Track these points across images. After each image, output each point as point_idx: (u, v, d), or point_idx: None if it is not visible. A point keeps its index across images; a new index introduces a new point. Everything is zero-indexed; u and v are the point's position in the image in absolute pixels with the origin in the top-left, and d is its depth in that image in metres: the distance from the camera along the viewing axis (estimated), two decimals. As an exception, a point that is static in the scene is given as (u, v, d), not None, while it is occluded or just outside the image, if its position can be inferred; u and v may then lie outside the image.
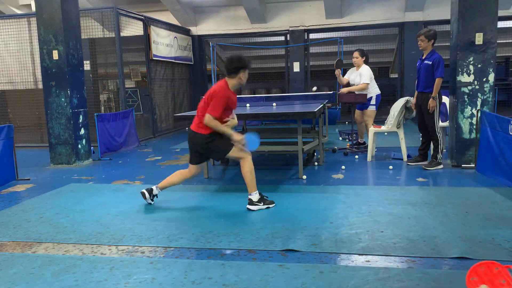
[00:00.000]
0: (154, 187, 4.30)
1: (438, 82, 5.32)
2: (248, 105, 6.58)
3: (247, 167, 4.06)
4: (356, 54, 6.86)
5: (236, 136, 4.02)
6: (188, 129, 4.14)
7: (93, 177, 5.73)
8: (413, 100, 5.83)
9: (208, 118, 3.91)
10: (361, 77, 6.74)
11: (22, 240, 3.44)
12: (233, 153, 4.07)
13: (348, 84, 7.04)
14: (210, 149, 4.08)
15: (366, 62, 6.88)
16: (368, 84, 6.68)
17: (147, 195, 4.26)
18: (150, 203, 4.29)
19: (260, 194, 4.08)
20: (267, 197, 4.14)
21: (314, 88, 6.03)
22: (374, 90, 6.78)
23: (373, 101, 6.74)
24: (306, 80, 11.87)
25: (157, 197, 4.34)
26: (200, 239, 3.29)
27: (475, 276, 2.22)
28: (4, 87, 9.02)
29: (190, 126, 4.15)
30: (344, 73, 7.42)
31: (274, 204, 4.10)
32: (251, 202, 4.02)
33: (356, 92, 6.85)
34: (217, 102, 3.93)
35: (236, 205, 4.13)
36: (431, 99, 5.37)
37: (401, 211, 3.82)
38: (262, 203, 4.02)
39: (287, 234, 3.34)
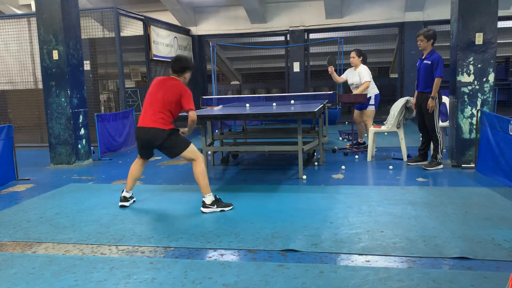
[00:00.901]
0: (124, 192, 4.31)
1: (437, 82, 5.32)
2: (247, 105, 6.57)
3: (199, 169, 4.04)
4: (353, 54, 6.88)
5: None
6: (140, 128, 4.07)
7: (93, 177, 5.73)
8: (413, 100, 5.83)
9: (194, 113, 4.07)
10: (360, 77, 6.74)
11: (22, 240, 3.44)
12: (186, 153, 4.07)
13: (346, 84, 7.06)
14: (170, 144, 4.05)
15: (364, 62, 6.89)
16: (369, 82, 6.69)
17: (126, 204, 4.27)
18: (134, 201, 4.38)
19: (215, 196, 4.05)
20: (220, 199, 4.08)
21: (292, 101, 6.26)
22: (373, 90, 6.79)
23: (372, 101, 6.75)
24: (306, 80, 11.87)
25: (133, 196, 4.39)
26: (200, 239, 3.29)
27: None
28: (4, 87, 9.01)
29: (143, 124, 4.05)
30: (342, 73, 7.43)
31: (231, 207, 4.04)
32: (204, 205, 3.99)
33: (355, 92, 6.85)
34: (190, 97, 4.11)
35: (236, 205, 4.13)
36: (430, 99, 5.37)
37: (401, 211, 3.82)
38: (215, 206, 3.99)
39: (287, 234, 3.34)
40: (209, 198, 4.00)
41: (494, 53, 5.41)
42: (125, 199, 4.29)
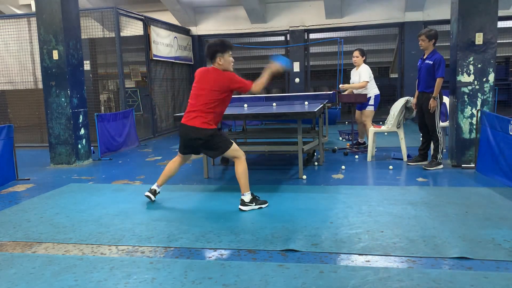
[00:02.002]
0: (155, 186, 4.36)
1: (439, 82, 5.32)
2: (246, 105, 6.56)
3: (242, 167, 4.06)
4: (356, 53, 6.86)
5: (272, 66, 4.23)
6: (183, 125, 4.05)
7: (93, 177, 5.73)
8: (413, 100, 5.83)
9: (253, 87, 4.11)
10: (360, 77, 6.74)
11: (22, 240, 3.44)
12: (230, 152, 4.08)
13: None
14: (212, 145, 4.04)
15: (364, 62, 6.89)
16: (367, 82, 6.68)
17: (151, 196, 4.33)
18: (154, 201, 4.37)
19: (252, 194, 4.07)
20: (259, 197, 4.13)
21: (297, 80, 6.11)
22: (373, 90, 6.78)
23: (371, 101, 6.74)
24: (306, 80, 11.87)
25: (159, 193, 4.42)
26: (200, 239, 3.29)
27: None
28: (4, 87, 9.02)
29: (187, 122, 4.03)
30: (345, 75, 7.43)
31: (267, 204, 4.09)
32: (243, 203, 4.02)
33: (355, 92, 6.86)
34: (236, 77, 4.05)
35: (236, 205, 4.13)
36: (431, 99, 5.37)
37: (401, 211, 3.82)
38: (254, 203, 4.02)
39: (287, 234, 3.34)
40: (247, 196, 4.02)
41: (494, 53, 5.41)
42: (154, 192, 4.33)
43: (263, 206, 4.06)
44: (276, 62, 4.21)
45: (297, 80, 5.35)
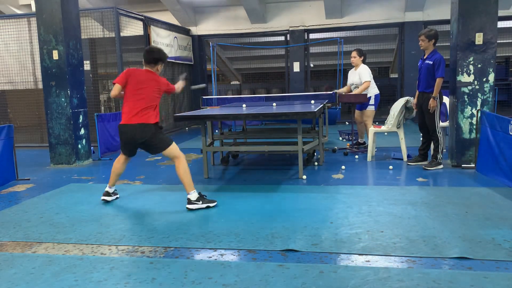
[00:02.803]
0: (107, 188, 4.42)
1: (439, 82, 5.33)
2: (244, 105, 6.56)
3: (182, 167, 4.11)
4: (354, 53, 6.86)
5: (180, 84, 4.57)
6: (124, 125, 4.10)
7: (93, 177, 5.73)
8: (414, 100, 5.84)
9: (178, 87, 4.46)
10: (360, 77, 6.73)
11: (22, 240, 3.44)
12: (169, 151, 4.14)
13: (350, 90, 7.05)
14: (154, 141, 4.11)
15: (363, 62, 6.89)
16: (369, 82, 6.68)
17: (108, 198, 4.38)
18: (117, 197, 4.48)
19: (199, 193, 4.11)
20: (206, 196, 4.17)
21: (202, 86, 5.98)
22: (373, 90, 6.78)
23: (371, 101, 6.74)
24: (306, 80, 11.87)
25: (116, 192, 4.51)
26: (200, 239, 3.29)
27: None
28: (4, 87, 9.01)
29: (128, 121, 4.07)
30: (344, 75, 7.43)
31: (215, 203, 4.12)
32: (189, 202, 4.05)
33: (355, 92, 6.85)
34: (169, 85, 4.36)
35: (236, 205, 4.13)
36: (431, 99, 5.37)
37: (401, 211, 3.82)
38: (201, 202, 4.05)
39: (287, 234, 3.34)
40: (193, 195, 4.07)
41: (494, 53, 5.41)
42: (107, 193, 4.39)
43: (211, 205, 4.08)
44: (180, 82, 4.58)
45: (201, 86, 5.36)
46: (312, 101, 6.72)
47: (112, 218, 3.91)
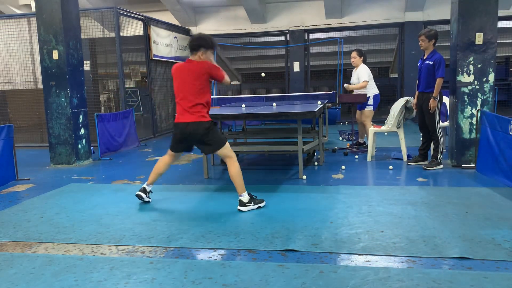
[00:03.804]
0: (145, 185, 4.33)
1: (439, 82, 5.33)
2: (243, 105, 6.55)
3: (235, 168, 4.03)
4: (354, 54, 6.87)
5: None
6: (179, 123, 4.01)
7: (93, 177, 5.73)
8: (413, 100, 5.84)
9: (226, 79, 4.07)
10: (359, 77, 6.75)
11: (22, 240, 3.44)
12: (223, 150, 4.05)
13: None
14: (210, 137, 4.00)
15: (364, 62, 6.89)
16: (367, 82, 6.68)
17: (143, 195, 4.29)
18: (149, 201, 4.34)
19: (249, 194, 4.05)
20: (256, 196, 4.12)
21: (262, 74, 5.82)
22: (372, 90, 6.78)
23: (370, 101, 6.74)
24: (306, 80, 11.87)
25: (151, 192, 4.39)
26: (200, 239, 3.29)
27: None
28: (4, 87, 9.02)
29: (183, 119, 3.98)
30: (343, 75, 7.43)
31: (264, 203, 4.08)
32: (241, 203, 4.00)
33: (355, 92, 6.85)
34: (216, 68, 4.02)
35: (236, 205, 4.13)
36: (432, 99, 5.37)
37: (401, 211, 3.82)
38: (252, 203, 4.01)
39: (287, 234, 3.34)
40: (246, 197, 4.00)
41: (494, 53, 5.41)
42: (144, 190, 4.30)
43: (261, 205, 4.05)
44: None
45: (262, 74, 5.16)
46: (319, 102, 6.62)
47: (112, 218, 3.91)
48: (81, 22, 7.10)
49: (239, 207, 4.00)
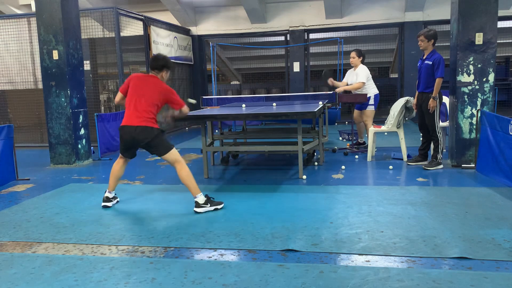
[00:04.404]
0: (107, 194, 4.30)
1: (438, 82, 5.32)
2: (244, 105, 6.55)
3: (185, 171, 4.05)
4: (353, 54, 6.87)
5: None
6: (126, 126, 4.05)
7: (93, 177, 5.73)
8: (413, 100, 5.84)
9: (184, 109, 4.29)
10: (357, 77, 6.76)
11: (22, 240, 3.44)
12: (169, 155, 4.07)
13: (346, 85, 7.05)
14: (158, 143, 4.05)
15: (362, 62, 6.90)
16: (363, 83, 6.69)
17: (108, 204, 4.27)
18: (118, 201, 4.38)
19: (206, 196, 4.06)
20: (214, 198, 4.12)
21: (193, 101, 5.54)
22: (372, 90, 6.78)
23: (371, 101, 6.74)
24: (306, 80, 11.87)
25: (116, 196, 4.39)
26: (200, 239, 3.29)
27: None
28: (4, 87, 9.02)
29: (130, 122, 4.02)
30: (343, 74, 7.42)
31: (222, 205, 4.08)
32: (197, 205, 3.99)
33: (354, 92, 6.85)
34: (176, 96, 4.26)
35: (236, 205, 4.13)
36: (431, 99, 5.37)
37: (401, 211, 3.82)
38: (209, 204, 4.01)
39: (287, 234, 3.34)
40: (201, 198, 4.01)
41: (494, 53, 5.41)
42: (107, 199, 4.29)
43: (218, 207, 4.04)
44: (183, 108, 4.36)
45: (192, 101, 4.95)
46: (320, 102, 6.59)
47: (112, 218, 3.91)
48: (81, 22, 7.10)
49: (195, 209, 3.99)
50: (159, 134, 4.07)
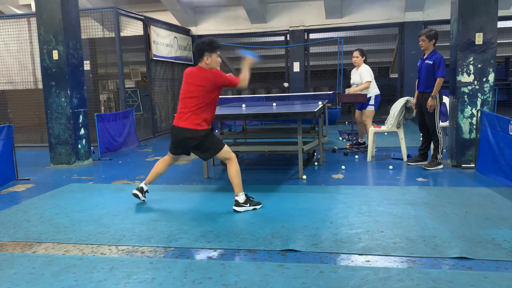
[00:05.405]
0: (142, 184, 4.32)
1: (439, 82, 5.32)
2: (244, 105, 6.55)
3: (234, 168, 4.04)
4: (356, 53, 6.86)
5: (248, 60, 4.13)
6: (176, 127, 4.04)
7: (93, 177, 5.73)
8: (413, 100, 5.84)
9: (241, 82, 4.04)
10: (361, 77, 6.74)
11: (22, 240, 3.44)
12: (221, 154, 4.05)
13: (347, 84, 7.06)
14: (204, 146, 4.02)
15: (365, 62, 6.89)
16: (370, 82, 6.69)
17: (139, 194, 4.29)
18: (144, 200, 4.34)
19: (246, 195, 4.05)
20: (253, 198, 4.12)
21: (286, 84, 5.92)
22: (373, 90, 6.78)
23: (371, 101, 6.74)
24: (306, 80, 11.87)
25: (148, 192, 4.38)
26: (200, 239, 3.29)
27: None
28: (4, 87, 9.02)
29: (179, 123, 4.00)
30: (344, 75, 7.42)
31: (261, 205, 4.06)
32: (237, 204, 4.00)
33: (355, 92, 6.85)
34: (222, 73, 4.01)
35: (236, 205, 4.13)
36: (430, 99, 5.37)
37: (401, 211, 3.82)
38: (248, 204, 4.00)
39: (287, 234, 3.34)
40: (242, 197, 4.01)
41: (494, 53, 5.41)
42: (141, 189, 4.29)
43: (257, 207, 4.03)
44: (248, 56, 4.18)
45: (286, 84, 5.26)
46: (320, 102, 6.60)
47: (112, 218, 3.91)
48: (81, 22, 7.10)
49: (234, 207, 4.00)
50: (206, 136, 3.99)
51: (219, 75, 3.98)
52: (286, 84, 5.28)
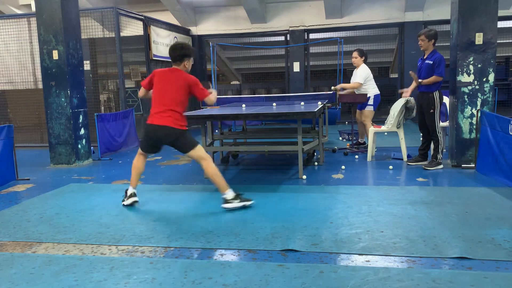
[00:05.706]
0: (130, 188, 4.30)
1: (435, 78, 5.33)
2: (243, 105, 6.56)
3: (211, 169, 4.03)
4: (355, 54, 6.86)
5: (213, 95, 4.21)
6: (153, 125, 4.01)
7: (93, 177, 5.73)
8: (413, 100, 5.84)
9: (210, 98, 4.11)
10: (356, 77, 6.77)
11: (22, 240, 3.44)
12: (194, 153, 4.05)
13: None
14: (181, 141, 4.03)
15: (364, 62, 6.89)
16: (360, 83, 6.69)
17: (131, 199, 4.24)
18: (137, 201, 4.31)
19: (235, 192, 4.05)
20: (242, 194, 4.10)
21: (333, 88, 6.39)
22: (372, 91, 6.77)
23: (370, 101, 6.73)
24: (306, 80, 11.87)
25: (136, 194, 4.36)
26: (200, 239, 3.29)
27: None
28: (4, 87, 9.02)
29: (158, 121, 3.98)
30: (345, 75, 7.43)
31: (251, 201, 4.06)
32: (225, 201, 4.00)
33: (356, 92, 6.85)
34: (199, 85, 4.09)
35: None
36: (413, 75, 5.44)
37: (401, 211, 3.82)
38: (238, 200, 4.00)
39: (287, 234, 3.34)
40: (229, 194, 4.01)
41: (494, 53, 5.41)
42: (134, 194, 4.27)
43: (247, 203, 4.03)
44: (213, 92, 4.27)
45: (333, 88, 5.82)
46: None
47: (112, 218, 3.91)
48: (81, 22, 7.10)
49: (223, 205, 4.00)
50: (182, 134, 4.02)
51: (196, 83, 4.09)
52: (333, 88, 5.71)
